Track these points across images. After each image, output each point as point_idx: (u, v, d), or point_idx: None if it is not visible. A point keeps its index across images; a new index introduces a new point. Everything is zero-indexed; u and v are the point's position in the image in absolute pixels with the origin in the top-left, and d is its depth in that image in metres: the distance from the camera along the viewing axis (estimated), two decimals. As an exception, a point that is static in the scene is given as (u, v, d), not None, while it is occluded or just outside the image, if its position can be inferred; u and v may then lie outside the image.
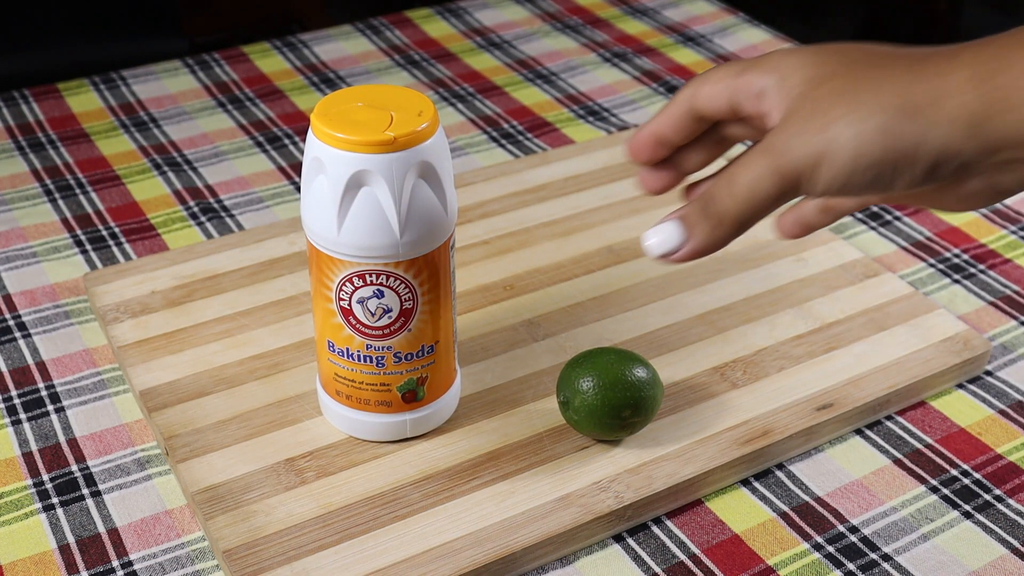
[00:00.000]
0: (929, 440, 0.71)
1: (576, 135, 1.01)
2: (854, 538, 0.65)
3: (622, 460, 0.66)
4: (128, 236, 0.87)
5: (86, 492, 0.66)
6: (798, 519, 0.66)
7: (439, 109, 1.04)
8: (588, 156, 0.94)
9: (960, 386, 0.75)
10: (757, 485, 0.68)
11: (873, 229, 0.90)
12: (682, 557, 0.63)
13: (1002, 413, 0.73)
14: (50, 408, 0.71)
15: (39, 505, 0.65)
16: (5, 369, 0.74)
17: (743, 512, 0.66)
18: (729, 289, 0.80)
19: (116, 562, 0.62)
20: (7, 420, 0.71)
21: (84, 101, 1.04)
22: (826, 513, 0.66)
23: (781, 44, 1.16)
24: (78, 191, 0.91)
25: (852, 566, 0.63)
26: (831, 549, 0.64)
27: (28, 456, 0.68)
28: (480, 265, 0.81)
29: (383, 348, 0.62)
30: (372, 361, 0.63)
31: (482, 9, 1.22)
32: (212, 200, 0.91)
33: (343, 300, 0.61)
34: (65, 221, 0.88)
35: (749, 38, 1.18)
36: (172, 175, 0.94)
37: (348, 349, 0.63)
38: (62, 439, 0.69)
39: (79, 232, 0.87)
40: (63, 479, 0.67)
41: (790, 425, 0.69)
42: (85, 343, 0.76)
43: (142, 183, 0.93)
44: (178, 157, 0.96)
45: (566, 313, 0.77)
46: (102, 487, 0.66)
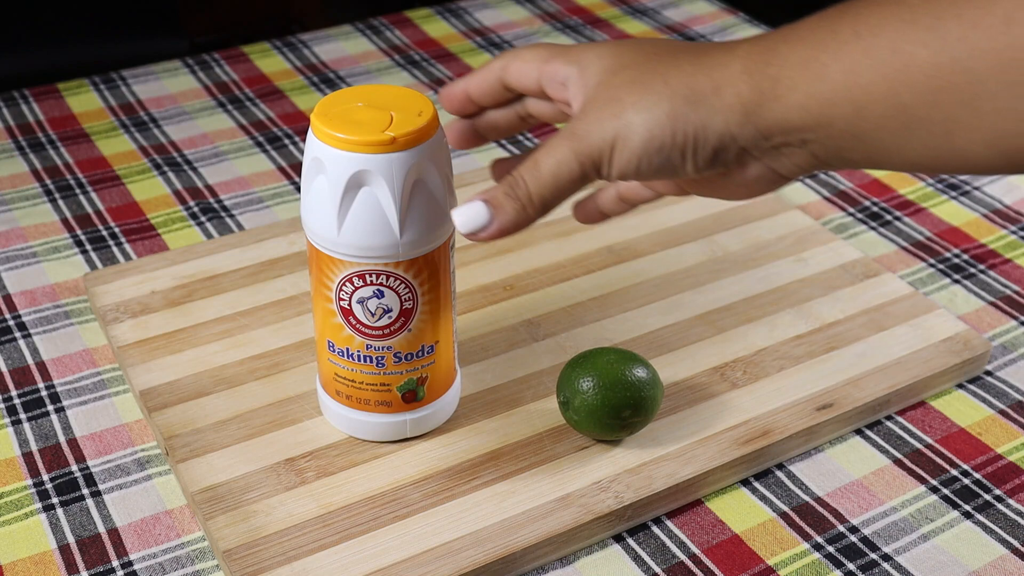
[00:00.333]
0: (929, 440, 0.71)
1: (576, 135, 1.01)
2: (854, 538, 0.65)
3: (622, 460, 0.66)
4: (128, 236, 0.87)
5: (86, 492, 0.66)
6: (798, 519, 0.66)
7: (439, 109, 1.04)
8: (588, 156, 0.94)
9: (960, 386, 0.75)
10: (757, 485, 0.68)
11: (873, 229, 0.90)
12: (682, 557, 0.63)
13: (1002, 413, 0.73)
14: (50, 408, 0.71)
15: (39, 505, 0.65)
16: (5, 369, 0.74)
17: (743, 512, 0.66)
18: (729, 289, 0.80)
19: (116, 562, 0.62)
20: (7, 420, 0.71)
21: (84, 101, 1.04)
22: (826, 513, 0.66)
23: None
24: (78, 191, 0.91)
25: (852, 566, 0.63)
26: (831, 549, 0.64)
27: (28, 456, 0.68)
28: (480, 265, 0.81)
29: (383, 348, 0.62)
30: (372, 361, 0.63)
31: (482, 9, 1.22)
32: (212, 200, 0.91)
33: (343, 300, 0.61)
34: (65, 221, 0.88)
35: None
36: (172, 175, 0.94)
37: (348, 349, 0.63)
38: (62, 439, 0.69)
39: (79, 232, 0.87)
40: (63, 479, 0.67)
41: (790, 425, 0.69)
42: (85, 343, 0.76)
43: (142, 183, 0.93)
44: (178, 157, 0.96)
45: (566, 313, 0.77)
46: (102, 487, 0.66)
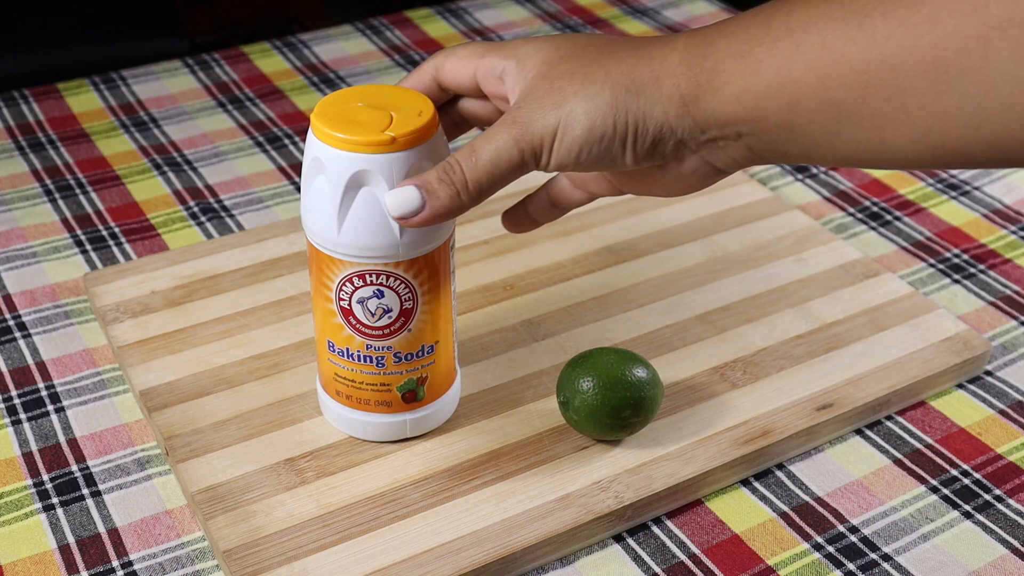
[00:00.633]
0: (929, 440, 0.71)
1: (576, 135, 1.01)
2: (854, 538, 0.65)
3: (622, 460, 0.66)
4: (128, 236, 0.87)
5: (86, 492, 0.66)
6: (798, 519, 0.66)
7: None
8: (588, 156, 0.94)
9: (960, 386, 0.75)
10: (757, 485, 0.68)
11: (873, 229, 0.90)
12: (682, 557, 0.63)
13: (1002, 413, 0.73)
14: (50, 408, 0.71)
15: (39, 505, 0.65)
16: (5, 369, 0.74)
17: (743, 512, 0.66)
18: (729, 289, 0.80)
19: (116, 562, 0.62)
20: (7, 420, 0.71)
21: (84, 101, 1.04)
22: (826, 513, 0.66)
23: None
24: (78, 191, 0.91)
25: (852, 566, 0.63)
26: (831, 549, 0.64)
27: (28, 456, 0.68)
28: (480, 265, 0.81)
29: (383, 348, 0.62)
30: (372, 361, 0.63)
31: (482, 9, 1.22)
32: (212, 200, 0.91)
33: (343, 300, 0.61)
34: (65, 221, 0.88)
35: (749, 38, 1.18)
36: (172, 175, 0.94)
37: (348, 349, 0.63)
38: (62, 439, 0.69)
39: (79, 232, 0.87)
40: (63, 479, 0.67)
41: (790, 425, 0.69)
42: (85, 343, 0.76)
43: (142, 183, 0.93)
44: (178, 157, 0.96)
45: (566, 313, 0.77)
46: (102, 487, 0.66)
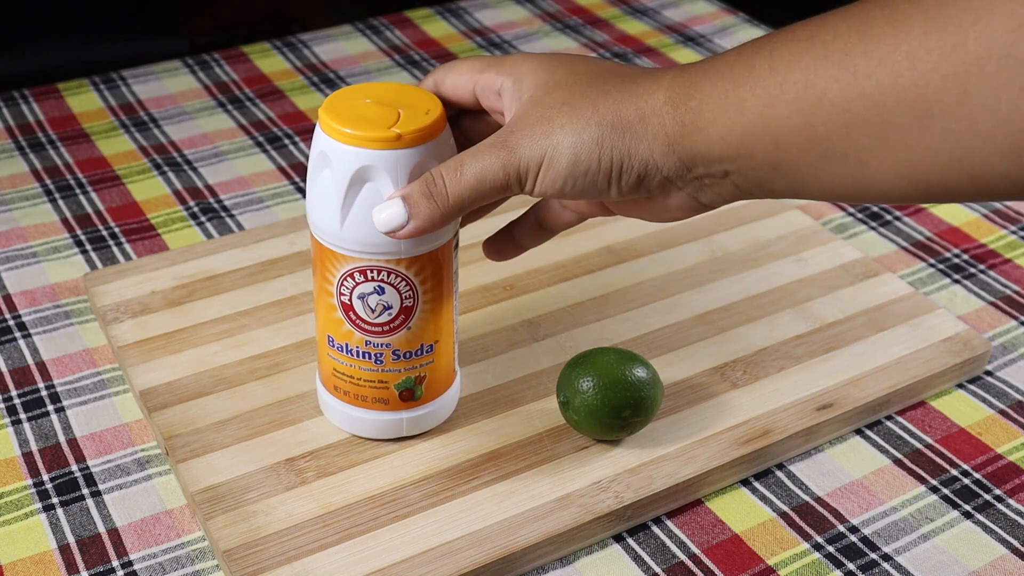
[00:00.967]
0: (929, 440, 0.71)
1: (576, 135, 1.01)
2: (854, 538, 0.65)
3: (622, 460, 0.66)
4: (128, 236, 0.87)
5: (86, 492, 0.66)
6: (798, 519, 0.66)
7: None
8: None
9: (960, 386, 0.75)
10: (757, 485, 0.68)
11: (873, 229, 0.90)
12: (682, 557, 0.63)
13: (1002, 413, 0.73)
14: (50, 408, 0.71)
15: (39, 505, 0.65)
16: (5, 369, 0.74)
17: (743, 512, 0.66)
18: (729, 289, 0.80)
19: (116, 562, 0.62)
20: (7, 420, 0.71)
21: (84, 101, 1.04)
22: (826, 513, 0.66)
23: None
24: (78, 191, 0.91)
25: (852, 566, 0.63)
26: (831, 549, 0.64)
27: (28, 456, 0.68)
28: (480, 265, 0.81)
29: (382, 345, 0.62)
30: (371, 358, 0.63)
31: (482, 9, 1.22)
32: (212, 200, 0.91)
33: (344, 296, 0.61)
34: (65, 221, 0.88)
35: (749, 38, 1.18)
36: (172, 175, 0.94)
37: (347, 345, 0.63)
38: (62, 439, 0.69)
39: (79, 232, 0.87)
40: (63, 479, 0.67)
41: (790, 425, 0.69)
42: (85, 343, 0.76)
43: (142, 183, 0.93)
44: (178, 157, 0.96)
45: (566, 313, 0.77)
46: (102, 487, 0.66)
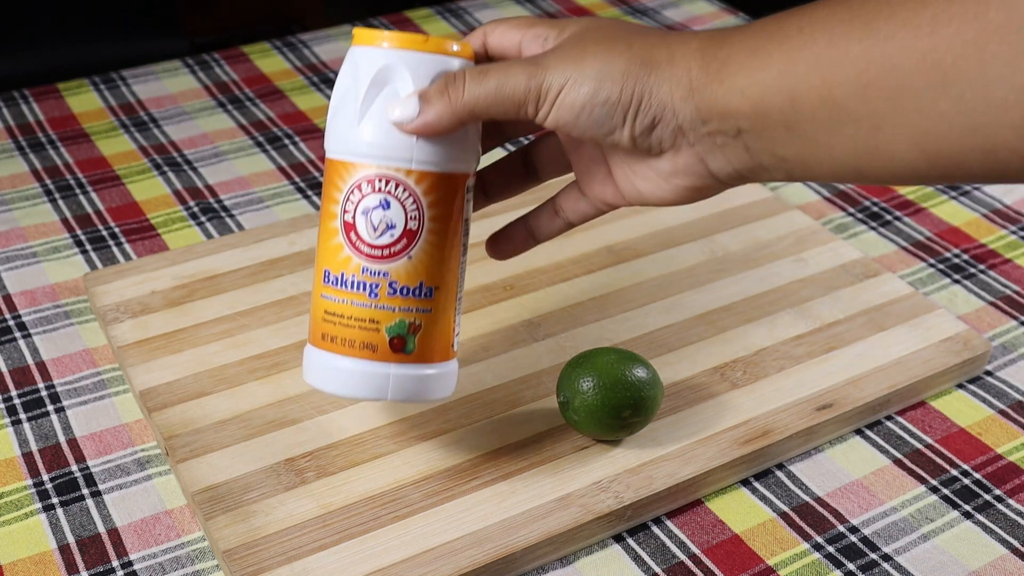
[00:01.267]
0: (929, 440, 0.71)
1: (576, 135, 1.01)
2: (854, 538, 0.65)
3: (622, 460, 0.66)
4: (128, 236, 0.87)
5: (86, 492, 0.66)
6: (798, 519, 0.66)
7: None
8: (588, 156, 0.94)
9: (960, 386, 0.75)
10: (757, 485, 0.68)
11: (873, 229, 0.90)
12: (682, 557, 0.63)
13: (1002, 413, 0.73)
14: (50, 408, 0.71)
15: (39, 505, 0.65)
16: (5, 369, 0.74)
17: (743, 512, 0.66)
18: (729, 289, 0.80)
19: (116, 562, 0.62)
20: (7, 420, 0.71)
21: (84, 101, 1.04)
22: (826, 513, 0.66)
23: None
24: (78, 191, 0.91)
25: (852, 566, 0.63)
26: (831, 549, 0.64)
27: (28, 456, 0.68)
28: (480, 265, 0.81)
29: (379, 274, 0.59)
30: (366, 288, 0.60)
31: (482, 9, 1.22)
32: (212, 200, 0.91)
33: (348, 213, 0.59)
34: (65, 221, 0.88)
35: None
36: (172, 175, 0.94)
37: (343, 275, 0.60)
38: (62, 439, 0.69)
39: (79, 232, 0.87)
40: (63, 479, 0.67)
41: (790, 425, 0.69)
42: (85, 343, 0.76)
43: (142, 183, 0.93)
44: (178, 157, 0.96)
45: (566, 313, 0.77)
46: (102, 487, 0.66)
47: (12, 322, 0.78)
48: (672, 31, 0.55)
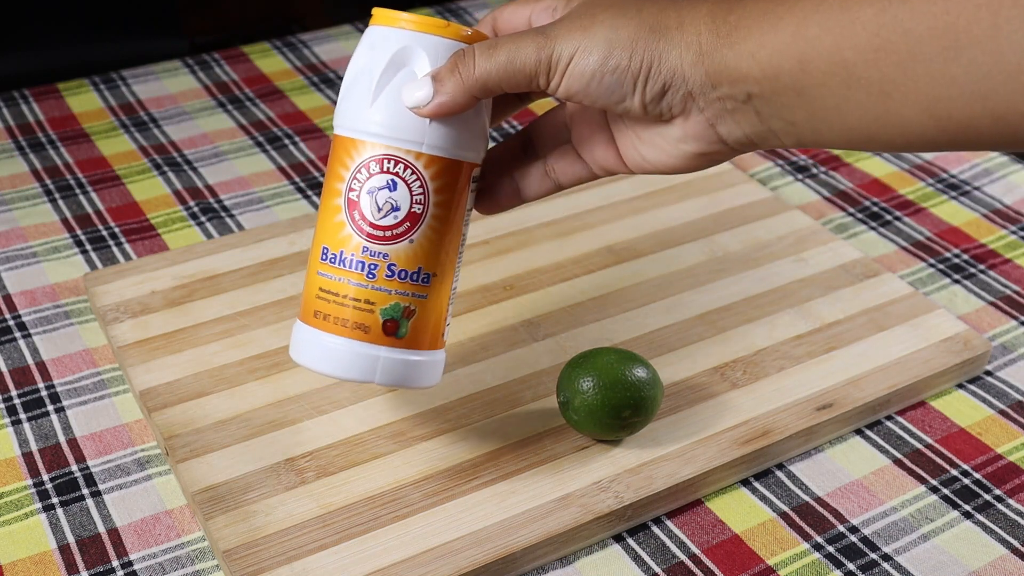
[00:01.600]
0: (929, 440, 0.71)
1: (576, 135, 1.01)
2: (854, 538, 0.65)
3: (622, 460, 0.66)
4: (128, 236, 0.87)
5: (86, 492, 0.66)
6: (798, 519, 0.66)
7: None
8: (588, 156, 0.94)
9: (960, 386, 0.75)
10: (757, 485, 0.68)
11: (873, 229, 0.90)
12: (682, 557, 0.63)
13: (1002, 413, 0.73)
14: (50, 408, 0.71)
15: (39, 505, 0.65)
16: (5, 369, 0.74)
17: (743, 512, 0.66)
18: (729, 289, 0.80)
19: (116, 562, 0.62)
20: (7, 420, 0.71)
21: (84, 101, 1.04)
22: (826, 513, 0.66)
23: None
24: (78, 191, 0.91)
25: (852, 566, 0.63)
26: (831, 549, 0.64)
27: (28, 456, 0.68)
28: (480, 265, 0.81)
29: (379, 255, 0.59)
30: (364, 268, 0.59)
31: (482, 9, 1.22)
32: (212, 200, 0.91)
33: (353, 191, 0.59)
34: (65, 221, 0.88)
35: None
36: (172, 175, 0.94)
37: (342, 253, 0.59)
38: (62, 439, 0.69)
39: (79, 232, 0.87)
40: (63, 479, 0.67)
41: (790, 425, 0.69)
42: (85, 343, 0.76)
43: (142, 183, 0.93)
44: (178, 157, 0.96)
45: (566, 313, 0.77)
46: (102, 487, 0.66)
47: (12, 322, 0.78)
48: None
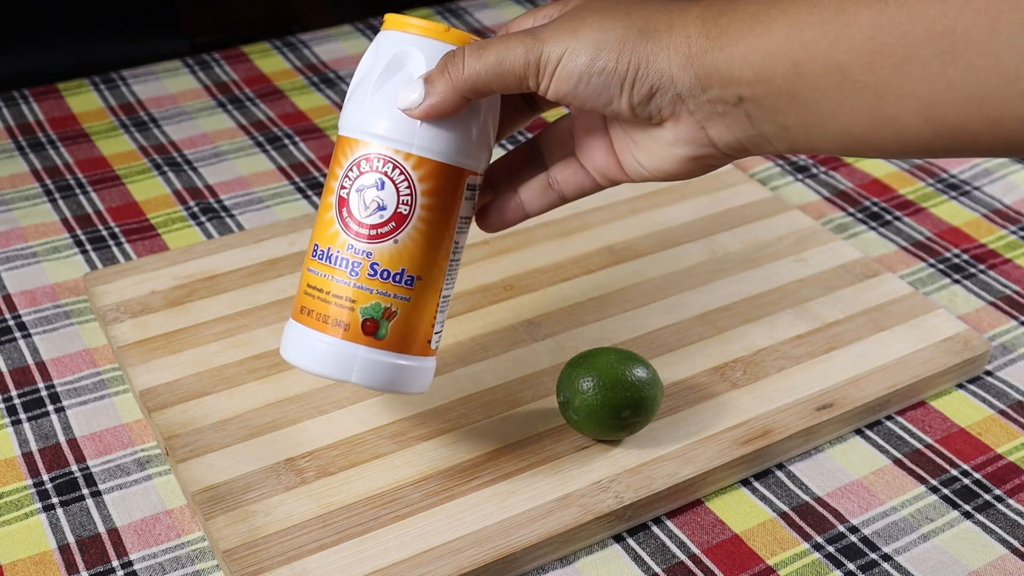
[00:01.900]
0: (929, 440, 0.71)
1: (576, 135, 1.01)
2: (854, 538, 0.65)
3: (622, 460, 0.66)
4: (128, 236, 0.87)
5: (86, 492, 0.66)
6: (798, 519, 0.66)
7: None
8: (588, 156, 0.94)
9: (960, 386, 0.75)
10: (757, 485, 0.68)
11: (873, 229, 0.90)
12: (682, 557, 0.63)
13: (1002, 413, 0.73)
14: (50, 408, 0.71)
15: (39, 505, 0.65)
16: (5, 369, 0.74)
17: (743, 512, 0.66)
18: (729, 289, 0.80)
19: (116, 562, 0.62)
20: (7, 420, 0.71)
21: (84, 101, 1.04)
22: (826, 513, 0.66)
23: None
24: (78, 191, 0.91)
25: (852, 566, 0.63)
26: (831, 549, 0.64)
27: (28, 456, 0.68)
28: (480, 265, 0.81)
29: (362, 253, 0.59)
30: (347, 265, 0.59)
31: (482, 9, 1.22)
32: (212, 200, 0.91)
33: (344, 189, 0.59)
34: (65, 221, 0.88)
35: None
36: (172, 175, 0.94)
37: (329, 250, 0.60)
38: (62, 439, 0.69)
39: (79, 232, 0.87)
40: (63, 479, 0.67)
41: (790, 425, 0.69)
42: (85, 343, 0.76)
43: (142, 183, 0.93)
44: (178, 157, 0.96)
45: (566, 313, 0.77)
46: (102, 487, 0.66)
47: (12, 322, 0.78)
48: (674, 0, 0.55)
